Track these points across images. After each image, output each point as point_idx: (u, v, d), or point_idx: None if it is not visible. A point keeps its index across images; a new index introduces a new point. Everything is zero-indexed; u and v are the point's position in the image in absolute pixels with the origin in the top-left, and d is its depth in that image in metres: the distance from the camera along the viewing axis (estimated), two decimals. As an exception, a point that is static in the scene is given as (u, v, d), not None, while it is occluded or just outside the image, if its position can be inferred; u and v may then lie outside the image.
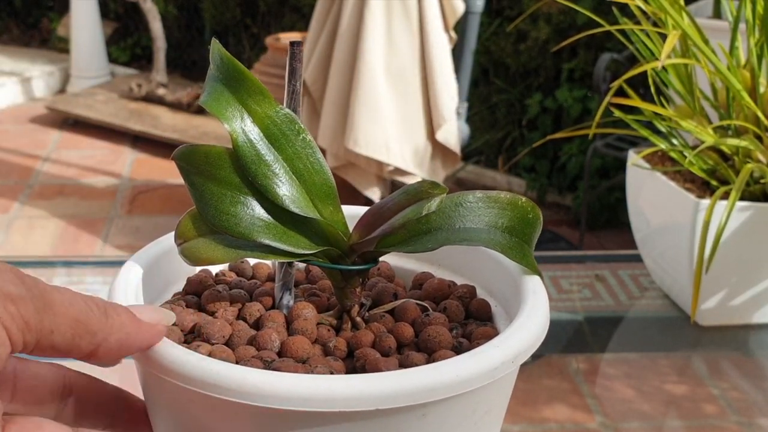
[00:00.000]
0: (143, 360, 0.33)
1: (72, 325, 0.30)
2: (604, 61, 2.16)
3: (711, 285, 0.74)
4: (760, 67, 0.73)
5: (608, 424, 0.65)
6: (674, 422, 0.66)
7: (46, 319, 0.29)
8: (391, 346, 0.37)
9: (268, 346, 0.36)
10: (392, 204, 0.37)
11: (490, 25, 3.04)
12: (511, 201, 0.39)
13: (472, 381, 0.32)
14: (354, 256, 0.39)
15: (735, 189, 0.68)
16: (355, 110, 2.07)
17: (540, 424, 0.64)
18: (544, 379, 0.70)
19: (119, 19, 4.37)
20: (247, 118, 0.38)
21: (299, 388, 0.31)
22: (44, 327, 0.29)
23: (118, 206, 2.70)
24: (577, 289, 0.84)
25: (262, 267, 0.44)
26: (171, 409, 0.35)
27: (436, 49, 2.07)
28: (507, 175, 3.06)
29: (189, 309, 0.40)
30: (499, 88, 3.08)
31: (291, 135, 0.38)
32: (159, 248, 0.41)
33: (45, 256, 2.18)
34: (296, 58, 0.37)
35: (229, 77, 0.37)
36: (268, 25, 3.85)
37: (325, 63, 2.18)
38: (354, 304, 0.39)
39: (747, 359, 0.75)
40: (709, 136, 0.73)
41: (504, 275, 0.41)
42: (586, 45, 2.80)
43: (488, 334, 0.38)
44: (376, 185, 2.19)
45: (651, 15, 0.77)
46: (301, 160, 0.38)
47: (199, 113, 3.37)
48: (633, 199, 0.83)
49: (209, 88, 0.38)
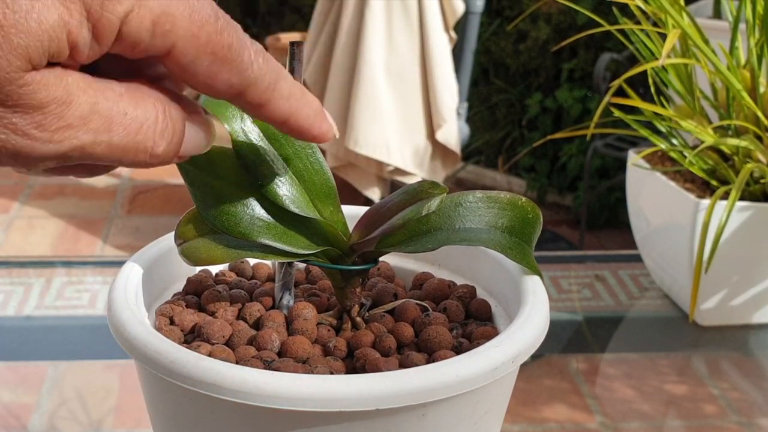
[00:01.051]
0: (143, 360, 0.33)
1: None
2: (604, 61, 2.16)
3: (711, 285, 0.74)
4: (760, 67, 0.73)
5: (608, 424, 0.65)
6: (674, 422, 0.66)
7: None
8: (391, 346, 0.37)
9: (268, 346, 0.36)
10: (392, 204, 0.37)
11: (490, 25, 3.04)
12: (511, 201, 0.39)
13: (472, 381, 0.32)
14: (354, 256, 0.39)
15: (735, 189, 0.68)
16: (355, 110, 2.07)
17: (540, 424, 0.64)
18: (544, 379, 0.70)
19: (119, 19, 4.37)
20: (247, 118, 0.38)
21: (299, 388, 0.31)
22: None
23: (118, 206, 2.70)
24: (577, 289, 0.84)
25: (262, 267, 0.44)
26: (171, 409, 0.35)
27: (436, 49, 2.07)
28: (507, 175, 3.06)
29: (189, 309, 0.40)
30: (499, 88, 3.08)
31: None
32: (159, 248, 0.41)
33: (45, 256, 2.18)
34: (296, 58, 0.37)
35: (229, 77, 0.37)
36: (268, 25, 3.85)
37: (325, 63, 2.18)
38: (354, 304, 0.39)
39: (747, 359, 0.75)
40: (709, 136, 0.73)
41: (504, 275, 0.41)
42: (586, 45, 2.80)
43: (488, 334, 0.38)
44: (376, 185, 2.19)
45: (651, 15, 0.77)
46: (301, 160, 0.38)
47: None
48: (633, 199, 0.83)
49: (209, 88, 0.38)
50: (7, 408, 0.64)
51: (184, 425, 0.34)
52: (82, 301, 0.78)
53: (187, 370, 0.32)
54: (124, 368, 0.69)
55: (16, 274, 0.83)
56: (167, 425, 0.36)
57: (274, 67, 0.30)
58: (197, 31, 0.28)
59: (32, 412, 0.64)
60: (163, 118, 0.28)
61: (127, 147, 0.28)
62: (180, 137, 0.29)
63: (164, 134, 0.29)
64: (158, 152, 0.29)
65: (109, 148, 0.27)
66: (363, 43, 2.06)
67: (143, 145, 0.28)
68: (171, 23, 0.27)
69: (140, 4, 0.27)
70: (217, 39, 0.28)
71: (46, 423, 0.62)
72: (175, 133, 0.29)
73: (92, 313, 0.77)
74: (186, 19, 0.27)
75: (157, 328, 0.38)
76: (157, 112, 0.28)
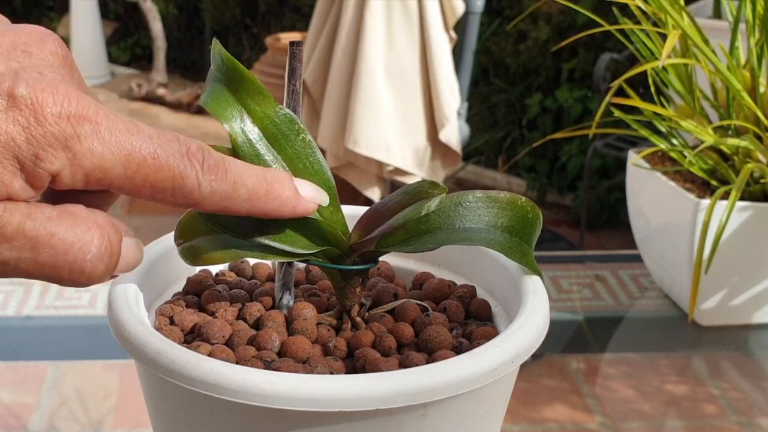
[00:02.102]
0: (143, 360, 0.33)
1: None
2: (604, 61, 2.16)
3: (711, 285, 0.74)
4: (760, 67, 0.73)
5: (608, 424, 0.65)
6: (674, 422, 0.66)
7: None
8: (391, 346, 0.37)
9: (268, 346, 0.36)
10: (392, 204, 0.37)
11: (490, 25, 3.04)
12: (510, 200, 0.39)
13: (472, 381, 0.32)
14: (354, 256, 0.39)
15: (735, 189, 0.68)
16: (355, 110, 2.07)
17: (540, 424, 0.64)
18: (544, 379, 0.70)
19: (119, 19, 4.38)
20: (246, 119, 0.37)
21: (299, 388, 0.31)
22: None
23: (118, 206, 2.70)
24: (577, 289, 0.84)
25: (262, 267, 0.44)
26: (171, 409, 0.35)
27: (436, 49, 2.07)
28: (507, 175, 3.06)
29: (189, 309, 0.40)
30: (499, 88, 3.08)
31: (291, 135, 0.38)
32: (159, 248, 0.41)
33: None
34: (296, 58, 0.37)
35: (229, 77, 0.37)
36: (268, 25, 3.86)
37: (325, 63, 2.18)
38: (354, 304, 0.39)
39: (747, 359, 0.75)
40: (709, 136, 0.73)
41: (504, 275, 0.41)
42: (586, 45, 2.80)
43: (488, 334, 0.38)
44: (376, 185, 2.19)
45: (651, 15, 0.77)
46: (301, 160, 0.38)
47: (199, 113, 3.37)
48: (633, 199, 0.83)
49: (209, 89, 0.38)
50: (7, 408, 0.64)
51: (184, 425, 0.34)
52: (82, 301, 0.78)
53: (187, 370, 0.32)
54: (124, 368, 0.69)
55: (16, 274, 0.83)
56: (167, 425, 0.36)
57: (231, 178, 0.32)
58: (132, 175, 0.30)
59: (32, 412, 0.64)
60: (99, 242, 0.30)
61: (57, 265, 0.29)
62: (117, 257, 0.31)
63: (103, 257, 0.30)
64: (97, 272, 0.30)
65: (35, 265, 0.29)
66: (363, 43, 2.06)
67: (77, 266, 0.30)
68: (103, 173, 0.29)
69: (72, 162, 0.29)
70: (154, 176, 0.30)
71: (46, 423, 0.62)
72: (113, 255, 0.31)
73: (92, 313, 0.77)
74: (119, 166, 0.29)
75: (157, 328, 0.38)
76: (93, 236, 0.30)
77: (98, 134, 0.29)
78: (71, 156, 0.29)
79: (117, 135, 0.29)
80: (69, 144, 0.28)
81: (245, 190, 0.33)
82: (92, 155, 0.29)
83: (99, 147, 0.29)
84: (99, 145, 0.29)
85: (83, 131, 0.29)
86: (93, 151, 0.29)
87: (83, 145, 0.29)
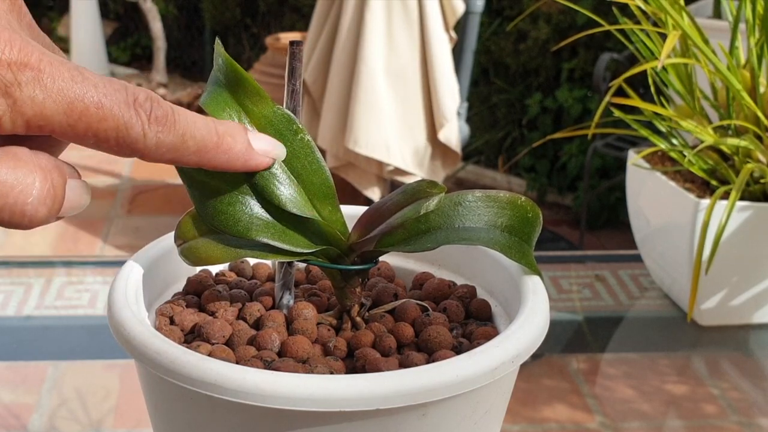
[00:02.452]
0: (143, 360, 0.33)
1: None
2: (604, 61, 2.16)
3: (711, 285, 0.74)
4: (760, 67, 0.73)
5: (608, 424, 0.65)
6: (674, 422, 0.66)
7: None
8: (391, 346, 0.37)
9: (268, 346, 0.36)
10: (391, 203, 0.37)
11: (490, 25, 3.04)
12: (510, 200, 0.39)
13: (472, 381, 0.32)
14: (353, 255, 0.39)
15: (735, 189, 0.68)
16: (355, 110, 2.07)
17: (540, 424, 0.64)
18: (544, 379, 0.70)
19: (119, 19, 4.38)
20: (244, 119, 0.38)
21: (299, 388, 0.31)
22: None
23: (118, 206, 2.70)
24: (577, 289, 0.84)
25: (262, 267, 0.44)
26: (171, 409, 0.35)
27: (436, 49, 2.07)
28: (507, 175, 3.06)
29: (189, 309, 0.40)
30: (499, 88, 3.08)
31: (289, 135, 0.38)
32: (159, 248, 0.41)
33: (45, 255, 2.18)
34: (296, 58, 0.37)
35: (229, 79, 0.37)
36: (268, 25, 3.86)
37: (325, 63, 2.18)
38: (354, 304, 0.39)
39: (747, 359, 0.75)
40: (709, 136, 0.73)
41: (504, 275, 0.41)
42: (586, 45, 2.80)
43: (488, 334, 0.38)
44: (376, 185, 2.19)
45: (651, 15, 0.77)
46: (299, 160, 0.38)
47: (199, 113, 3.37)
48: (633, 199, 0.83)
49: (209, 89, 0.38)
50: (7, 408, 0.64)
51: (184, 425, 0.34)
52: (82, 301, 0.78)
53: (187, 370, 0.32)
54: (124, 368, 0.69)
55: (16, 274, 0.83)
56: (167, 425, 0.36)
57: (179, 130, 0.32)
58: (74, 123, 0.29)
59: (32, 412, 0.64)
60: (41, 185, 0.30)
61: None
62: (61, 201, 0.31)
63: (45, 200, 0.30)
64: (39, 216, 0.30)
65: None
66: (363, 43, 2.06)
67: (18, 208, 0.29)
68: (45, 121, 0.29)
69: (12, 109, 0.28)
70: (97, 126, 0.30)
71: (46, 423, 0.62)
72: (56, 198, 0.30)
73: (92, 313, 0.77)
74: (61, 114, 0.29)
75: (157, 328, 0.38)
76: (35, 179, 0.30)
77: (40, 82, 0.29)
78: (11, 102, 0.28)
79: (60, 83, 0.29)
80: (9, 91, 0.28)
81: (194, 142, 0.32)
82: (33, 103, 0.29)
83: (41, 94, 0.29)
84: (41, 93, 0.29)
85: (24, 78, 0.28)
86: (34, 98, 0.29)
87: (24, 93, 0.28)
